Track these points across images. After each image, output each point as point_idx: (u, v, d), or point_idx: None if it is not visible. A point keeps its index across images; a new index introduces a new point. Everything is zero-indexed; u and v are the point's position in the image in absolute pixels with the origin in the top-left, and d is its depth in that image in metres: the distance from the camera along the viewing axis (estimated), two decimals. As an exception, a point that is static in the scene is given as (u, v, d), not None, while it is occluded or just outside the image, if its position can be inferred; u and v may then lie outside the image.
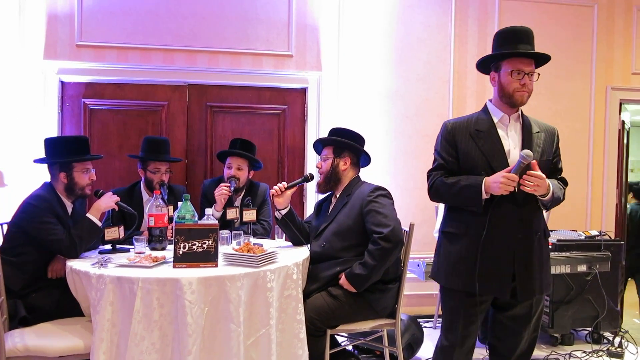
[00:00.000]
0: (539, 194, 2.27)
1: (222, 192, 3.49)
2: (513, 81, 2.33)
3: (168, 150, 3.70)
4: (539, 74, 2.40)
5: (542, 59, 2.41)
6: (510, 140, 2.39)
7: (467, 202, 2.33)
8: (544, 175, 2.24)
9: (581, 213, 4.94)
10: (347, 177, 3.12)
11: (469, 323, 2.42)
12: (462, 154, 2.39)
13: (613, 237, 4.26)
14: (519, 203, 2.30)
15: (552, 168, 2.47)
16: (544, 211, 2.45)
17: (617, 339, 3.90)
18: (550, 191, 2.28)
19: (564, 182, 2.51)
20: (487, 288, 2.33)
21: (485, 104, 2.49)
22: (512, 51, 2.34)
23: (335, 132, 3.20)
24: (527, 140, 2.38)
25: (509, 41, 2.38)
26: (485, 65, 2.49)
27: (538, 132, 2.42)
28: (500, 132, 2.39)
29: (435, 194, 2.47)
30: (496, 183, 2.22)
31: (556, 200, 2.35)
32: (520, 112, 2.45)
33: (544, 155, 2.40)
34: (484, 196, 2.27)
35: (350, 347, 3.61)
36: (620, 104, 4.97)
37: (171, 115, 4.39)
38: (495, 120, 2.41)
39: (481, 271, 2.31)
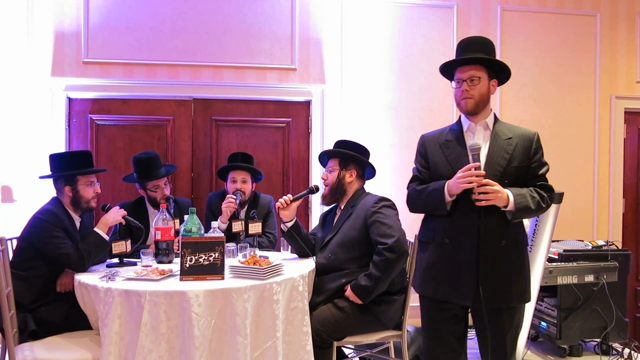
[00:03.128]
0: (500, 206, 2.26)
1: (229, 204, 3.52)
2: (456, 90, 2.43)
3: (160, 164, 3.65)
4: (479, 77, 2.39)
5: (494, 63, 2.43)
6: None
7: (435, 206, 2.39)
8: (497, 187, 2.24)
9: (588, 223, 4.93)
10: (352, 188, 3.14)
11: (441, 328, 2.44)
12: (431, 164, 2.48)
13: (620, 247, 4.24)
14: (478, 210, 2.30)
15: (530, 175, 2.41)
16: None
17: (627, 350, 3.87)
18: (511, 202, 2.26)
19: (546, 189, 2.41)
20: (450, 294, 2.38)
21: (460, 115, 2.55)
22: (445, 63, 2.48)
23: (341, 144, 3.22)
24: (493, 147, 2.38)
25: (457, 54, 2.47)
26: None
27: (510, 138, 2.40)
28: (467, 140, 2.43)
29: (410, 203, 2.59)
30: (454, 181, 2.29)
31: (523, 210, 2.29)
32: (492, 120, 2.46)
33: (514, 162, 2.36)
34: (447, 198, 2.33)
35: (356, 359, 3.60)
36: (626, 113, 4.98)
37: (177, 130, 4.43)
38: (465, 129, 2.46)
39: (444, 278, 2.38)
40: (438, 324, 2.44)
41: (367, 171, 3.22)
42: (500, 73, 2.47)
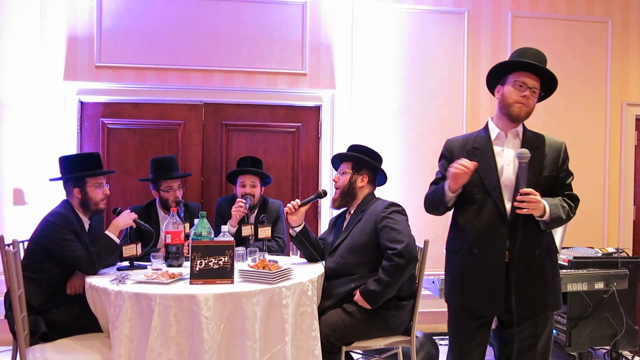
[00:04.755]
0: (537, 215, 2.25)
1: (239, 208, 3.53)
2: (514, 92, 2.35)
3: (177, 167, 3.76)
4: (543, 94, 2.41)
5: (549, 82, 2.40)
6: (505, 157, 2.39)
7: (440, 202, 2.42)
8: (538, 197, 2.22)
9: (598, 230, 4.89)
10: (362, 193, 3.14)
11: (469, 339, 2.42)
12: None
13: (631, 254, 4.20)
14: (507, 220, 2.29)
15: (559, 184, 2.42)
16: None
17: (637, 358, 3.83)
18: (547, 212, 2.25)
19: (573, 199, 2.44)
20: (478, 305, 2.36)
21: (487, 121, 2.50)
22: (518, 60, 2.36)
23: (354, 148, 3.23)
24: None
25: (519, 57, 2.40)
26: (494, 82, 2.49)
27: (539, 147, 2.40)
28: (496, 148, 2.40)
29: (425, 202, 2.58)
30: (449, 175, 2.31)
31: (556, 220, 2.30)
32: (521, 129, 2.44)
33: (545, 171, 2.37)
34: (449, 195, 2.34)
35: (365, 365, 3.60)
36: (637, 120, 4.95)
37: (187, 134, 4.46)
38: (493, 137, 2.42)
39: (472, 288, 2.36)
40: (468, 333, 2.41)
41: (378, 177, 3.22)
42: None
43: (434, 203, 2.49)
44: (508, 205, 2.30)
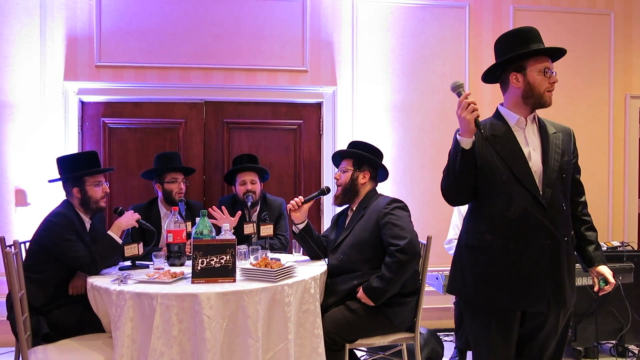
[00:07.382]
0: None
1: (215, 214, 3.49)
2: (544, 80, 2.24)
3: (180, 162, 3.80)
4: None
5: (557, 57, 2.37)
6: (530, 143, 2.29)
7: (454, 158, 2.22)
8: (611, 280, 2.40)
9: (603, 224, 4.86)
10: (364, 190, 3.12)
11: (504, 339, 2.26)
12: (479, 158, 2.25)
13: (636, 248, 4.17)
14: (545, 208, 2.18)
15: (574, 170, 2.38)
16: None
17: (643, 352, 3.81)
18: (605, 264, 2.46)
19: (582, 186, 2.44)
20: (523, 302, 2.21)
21: (497, 109, 2.39)
22: (547, 47, 2.30)
23: (355, 145, 3.21)
24: (545, 142, 2.29)
25: (523, 42, 2.30)
26: (496, 70, 2.39)
27: (555, 132, 2.33)
28: (518, 135, 2.28)
29: (442, 185, 2.33)
30: (460, 122, 2.20)
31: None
32: (535, 114, 2.35)
33: (565, 155, 2.30)
34: (462, 142, 2.18)
35: (369, 362, 3.59)
36: (640, 112, 4.92)
37: (188, 133, 4.45)
38: (511, 123, 2.30)
39: (514, 284, 2.20)
40: (503, 331, 2.26)
41: (379, 173, 3.20)
42: None
43: (450, 169, 2.23)
44: (542, 193, 2.20)
